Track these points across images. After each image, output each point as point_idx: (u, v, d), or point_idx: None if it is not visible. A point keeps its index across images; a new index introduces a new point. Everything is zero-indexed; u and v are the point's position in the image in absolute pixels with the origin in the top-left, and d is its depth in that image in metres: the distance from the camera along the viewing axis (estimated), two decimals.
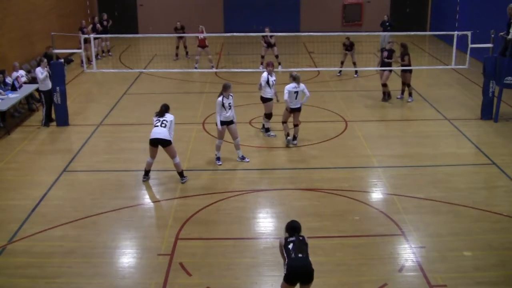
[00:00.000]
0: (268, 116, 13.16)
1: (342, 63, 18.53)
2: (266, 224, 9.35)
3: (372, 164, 11.62)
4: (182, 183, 10.56)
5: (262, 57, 19.32)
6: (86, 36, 16.42)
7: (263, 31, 18.03)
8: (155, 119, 10.52)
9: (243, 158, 11.63)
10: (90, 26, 21.32)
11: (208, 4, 27.66)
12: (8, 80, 15.22)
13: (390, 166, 11.52)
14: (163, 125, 10.34)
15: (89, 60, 18.37)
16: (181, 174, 10.62)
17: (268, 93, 12.93)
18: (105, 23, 22.65)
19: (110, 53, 22.87)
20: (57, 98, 13.86)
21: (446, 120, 14.28)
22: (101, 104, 15.96)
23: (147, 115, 14.96)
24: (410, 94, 15.79)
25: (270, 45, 19.05)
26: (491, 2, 19.62)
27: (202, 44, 19.00)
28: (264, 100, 13.00)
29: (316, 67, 19.63)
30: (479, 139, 12.90)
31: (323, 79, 18.48)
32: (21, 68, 16.38)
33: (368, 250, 8.36)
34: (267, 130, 13.27)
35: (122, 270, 8.01)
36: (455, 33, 14.70)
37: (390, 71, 15.55)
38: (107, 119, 14.71)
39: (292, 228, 6.83)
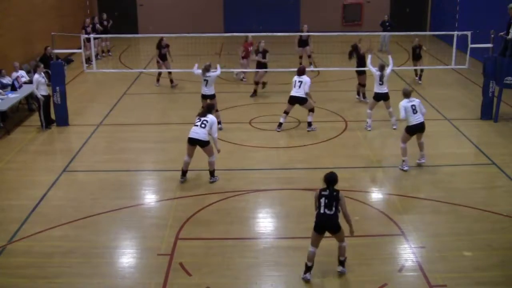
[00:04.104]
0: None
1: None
2: (266, 224, 9.35)
3: (372, 164, 11.62)
4: (210, 182, 10.56)
5: (300, 57, 19.34)
6: (87, 36, 16.42)
7: (300, 31, 18.59)
8: (197, 118, 10.43)
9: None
10: (90, 26, 21.31)
11: (208, 4, 27.65)
12: (8, 80, 15.22)
13: (390, 166, 11.52)
14: (203, 125, 10.23)
15: (89, 60, 18.37)
16: (211, 173, 10.60)
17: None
18: (105, 23, 22.66)
19: (110, 53, 22.87)
20: (57, 98, 13.86)
21: (446, 120, 14.28)
22: (101, 104, 15.95)
23: (147, 115, 15.01)
24: (363, 95, 15.88)
25: (305, 44, 19.06)
26: (491, 2, 19.62)
27: (247, 56, 17.82)
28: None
29: (316, 67, 19.61)
30: (479, 139, 12.90)
31: (323, 79, 18.47)
32: (21, 68, 16.36)
33: (368, 250, 8.36)
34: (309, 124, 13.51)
35: (122, 270, 8.01)
36: (455, 33, 14.71)
37: None
38: (107, 119, 14.71)
39: (327, 180, 7.36)
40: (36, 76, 13.58)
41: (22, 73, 16.05)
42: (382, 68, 13.22)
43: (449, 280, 7.54)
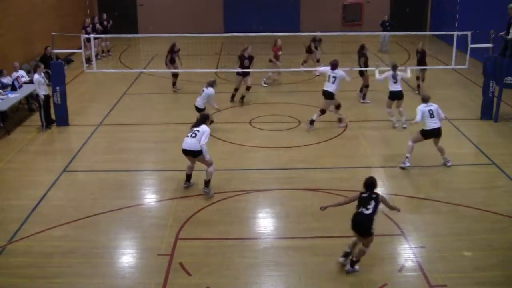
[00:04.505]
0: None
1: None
2: (266, 224, 9.35)
3: (372, 164, 11.62)
4: (204, 191, 10.07)
5: (305, 61, 19.14)
6: (87, 36, 16.42)
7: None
8: (190, 129, 10.05)
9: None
10: (90, 26, 21.32)
11: (208, 4, 27.65)
12: (8, 80, 15.22)
13: (390, 166, 11.52)
14: (193, 135, 9.83)
15: (89, 60, 18.37)
16: (206, 182, 10.05)
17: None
18: (105, 23, 22.66)
19: (110, 53, 22.87)
20: (57, 98, 13.86)
21: (446, 120, 14.24)
22: (101, 104, 15.95)
23: (147, 115, 15.01)
24: (364, 95, 16.03)
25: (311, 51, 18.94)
26: (491, 2, 19.62)
27: (277, 60, 17.66)
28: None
29: (315, 66, 19.59)
30: (479, 139, 12.90)
31: (323, 79, 18.40)
32: (21, 68, 16.37)
33: (368, 250, 8.35)
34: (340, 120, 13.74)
35: (122, 270, 8.01)
36: (455, 33, 14.70)
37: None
38: (107, 119, 14.71)
39: (366, 184, 7.77)
40: (36, 76, 13.58)
41: (22, 73, 16.05)
42: (394, 67, 13.40)
43: (449, 280, 7.54)
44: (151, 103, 16.31)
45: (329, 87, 13.34)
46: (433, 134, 11.00)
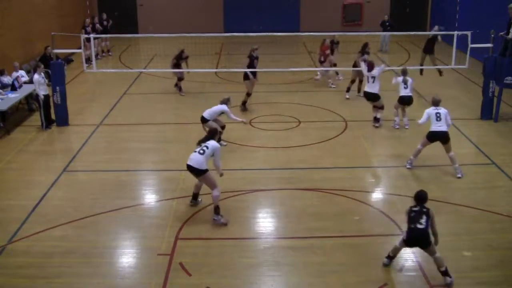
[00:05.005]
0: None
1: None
2: (266, 224, 9.34)
3: (372, 164, 11.63)
4: (213, 219, 9.03)
5: (335, 65, 18.11)
6: (87, 36, 16.42)
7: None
8: (197, 145, 9.17)
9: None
10: (90, 26, 21.32)
11: (208, 4, 27.65)
12: (8, 80, 15.23)
13: (390, 166, 11.52)
14: (201, 151, 8.89)
15: (89, 60, 18.37)
16: (215, 209, 9.00)
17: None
18: (105, 23, 22.65)
19: (110, 53, 22.87)
20: (57, 98, 13.85)
21: None
22: (101, 104, 15.96)
23: (147, 115, 15.01)
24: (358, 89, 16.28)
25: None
26: (491, 2, 19.62)
27: (326, 59, 17.43)
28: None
29: (316, 67, 19.61)
30: (479, 139, 12.90)
31: (323, 79, 18.46)
32: (21, 68, 16.37)
33: (368, 250, 8.36)
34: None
35: (122, 270, 8.01)
36: (455, 33, 14.69)
37: None
38: (107, 119, 14.71)
39: (417, 198, 7.57)
40: (36, 76, 13.59)
41: (22, 73, 16.05)
42: (404, 72, 13.46)
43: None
44: (151, 103, 16.30)
45: (371, 88, 13.39)
46: (438, 137, 10.77)
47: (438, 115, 10.76)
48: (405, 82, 13.34)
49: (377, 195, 10.32)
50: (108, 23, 22.81)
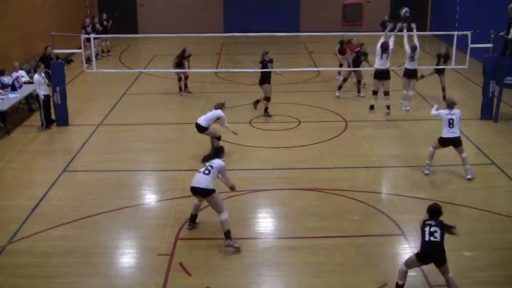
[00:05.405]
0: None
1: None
2: (266, 224, 9.35)
3: (372, 164, 11.62)
4: (226, 245, 8.34)
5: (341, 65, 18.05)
6: (87, 36, 16.42)
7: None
8: (202, 164, 8.61)
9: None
10: (90, 26, 21.32)
11: (208, 4, 27.65)
12: (8, 80, 15.23)
13: (390, 166, 11.53)
14: (206, 171, 8.36)
15: (89, 60, 18.37)
16: (226, 234, 8.34)
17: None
18: (105, 23, 22.65)
19: (110, 53, 22.87)
20: (57, 98, 13.86)
21: None
22: (101, 104, 15.96)
23: (147, 115, 15.01)
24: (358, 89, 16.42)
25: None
26: (491, 2, 19.62)
27: (355, 59, 16.96)
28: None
29: (316, 67, 19.63)
30: (479, 139, 12.89)
31: (323, 79, 18.49)
32: (21, 68, 16.37)
33: (368, 250, 8.36)
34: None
35: (122, 270, 8.01)
36: (455, 33, 14.69)
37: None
38: (107, 119, 14.71)
39: (431, 211, 7.18)
40: (36, 76, 13.59)
41: (22, 73, 16.05)
42: (414, 49, 13.83)
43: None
44: (151, 103, 16.30)
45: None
46: (451, 143, 10.57)
47: (451, 121, 10.41)
48: (412, 57, 13.85)
49: (377, 195, 10.31)
50: (108, 23, 22.81)
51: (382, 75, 13.73)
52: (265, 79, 14.40)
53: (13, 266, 8.00)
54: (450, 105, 10.56)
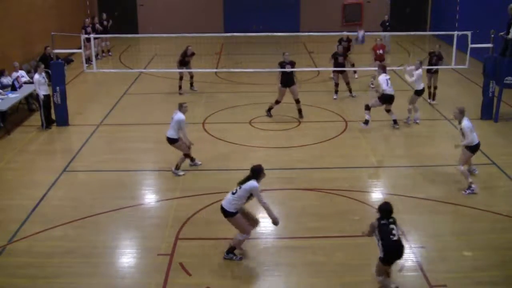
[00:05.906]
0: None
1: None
2: (266, 224, 9.32)
3: (372, 164, 11.62)
4: (224, 258, 8.17)
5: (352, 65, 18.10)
6: (87, 36, 16.42)
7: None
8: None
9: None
10: (90, 26, 21.32)
11: (208, 4, 27.65)
12: (8, 80, 15.23)
13: (390, 166, 11.52)
14: (234, 191, 7.98)
15: (89, 60, 18.37)
16: (230, 248, 8.17)
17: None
18: (105, 23, 22.65)
19: (110, 53, 22.87)
20: (57, 98, 13.85)
21: (446, 120, 14.28)
22: (101, 104, 15.95)
23: (147, 115, 15.00)
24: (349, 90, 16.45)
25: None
26: (491, 2, 19.62)
27: (378, 59, 17.21)
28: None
29: (316, 67, 19.62)
30: (479, 139, 12.85)
31: (323, 79, 18.49)
32: (21, 68, 16.37)
33: (368, 250, 8.34)
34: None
35: (122, 270, 8.01)
36: (455, 33, 14.68)
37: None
38: (107, 119, 14.71)
39: (383, 210, 7.17)
40: (36, 76, 13.59)
41: (22, 73, 16.05)
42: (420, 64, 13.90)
43: (449, 280, 7.54)
44: (151, 103, 16.30)
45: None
46: (478, 147, 10.34)
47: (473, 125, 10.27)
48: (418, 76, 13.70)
49: (377, 195, 10.32)
50: (108, 23, 22.81)
51: (390, 99, 13.44)
52: (282, 81, 14.17)
53: (13, 266, 8.00)
54: (463, 112, 10.24)
